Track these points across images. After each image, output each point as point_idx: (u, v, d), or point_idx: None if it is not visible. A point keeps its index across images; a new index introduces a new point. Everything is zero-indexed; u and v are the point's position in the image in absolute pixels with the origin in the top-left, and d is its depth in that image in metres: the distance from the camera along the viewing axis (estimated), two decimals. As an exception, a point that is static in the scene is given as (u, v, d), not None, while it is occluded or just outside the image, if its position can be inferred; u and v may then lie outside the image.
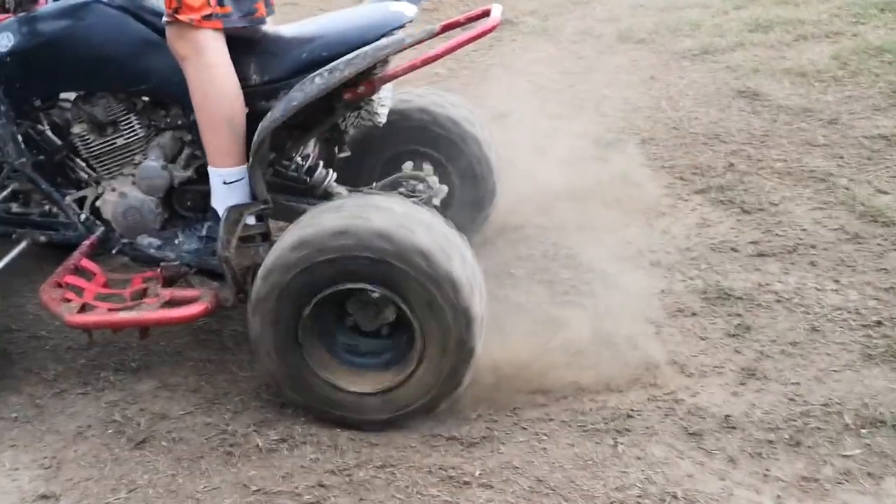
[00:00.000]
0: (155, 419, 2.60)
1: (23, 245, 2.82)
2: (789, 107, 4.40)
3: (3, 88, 2.65)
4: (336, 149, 2.83)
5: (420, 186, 2.90)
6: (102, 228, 2.81)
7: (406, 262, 2.31)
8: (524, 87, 4.75)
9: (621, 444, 2.46)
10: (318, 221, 2.38)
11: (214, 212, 2.58)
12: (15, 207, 2.94)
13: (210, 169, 2.56)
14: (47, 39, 2.60)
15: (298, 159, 2.85)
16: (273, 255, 2.38)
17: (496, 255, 3.35)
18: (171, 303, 2.51)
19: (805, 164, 3.85)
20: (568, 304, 3.05)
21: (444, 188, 2.95)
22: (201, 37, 2.40)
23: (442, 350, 2.40)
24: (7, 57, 2.61)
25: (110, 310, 2.48)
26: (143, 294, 2.60)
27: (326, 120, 2.65)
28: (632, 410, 2.57)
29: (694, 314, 2.99)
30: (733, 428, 2.49)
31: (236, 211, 2.55)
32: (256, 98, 2.57)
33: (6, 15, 2.64)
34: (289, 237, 2.38)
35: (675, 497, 2.26)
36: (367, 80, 2.56)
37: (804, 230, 3.40)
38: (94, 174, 2.84)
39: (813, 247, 3.30)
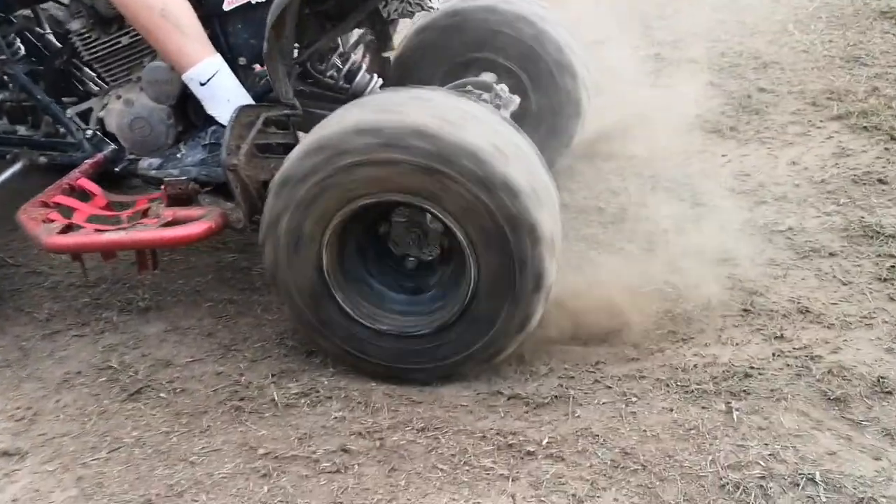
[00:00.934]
0: (157, 367, 2.14)
1: (17, 166, 2.40)
2: (945, 27, 3.68)
3: None
4: (380, 46, 2.31)
5: (486, 96, 2.35)
6: (112, 147, 2.37)
7: (449, 164, 1.78)
8: (625, 12, 4.13)
9: (737, 409, 1.87)
10: (341, 118, 1.88)
11: (213, 119, 2.13)
12: (23, 130, 2.54)
13: (183, 78, 2.13)
14: None
15: (337, 61, 2.35)
16: (286, 164, 1.88)
17: (583, 188, 2.78)
18: (173, 224, 2.03)
19: (968, 87, 3.15)
20: (668, 245, 2.47)
21: (516, 98, 2.40)
22: None
23: (501, 276, 1.86)
24: None
25: (97, 231, 2.03)
26: (143, 216, 2.14)
27: (365, 3, 2.14)
28: (751, 368, 1.98)
29: (832, 254, 2.37)
30: (888, 393, 1.88)
31: (249, 112, 2.07)
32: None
33: None
34: (305, 140, 1.89)
35: (812, 480, 1.67)
36: (413, -54, 2.04)
37: (970, 159, 2.73)
38: (99, 83, 2.42)
39: (983, 177, 2.63)
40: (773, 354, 2.02)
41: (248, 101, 2.13)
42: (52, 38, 2.50)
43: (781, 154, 2.90)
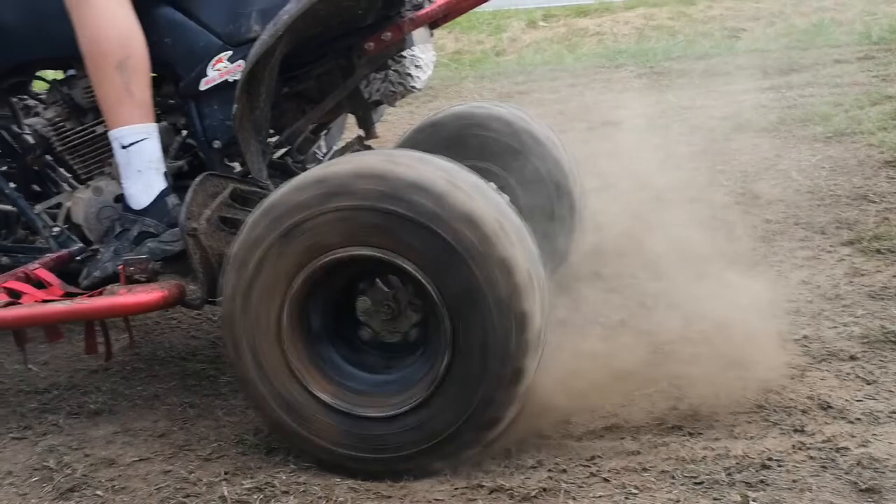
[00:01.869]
0: (98, 466, 1.91)
1: None
2: (952, 175, 3.60)
3: None
4: (363, 132, 2.22)
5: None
6: (79, 245, 2.24)
7: (448, 228, 1.64)
8: (623, 169, 4.11)
9: (754, 500, 1.61)
10: (347, 160, 1.76)
11: (123, 200, 2.05)
12: None
13: (109, 134, 2.03)
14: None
15: (318, 153, 2.27)
16: (276, 192, 1.74)
17: (580, 304, 2.60)
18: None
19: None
20: (672, 354, 2.26)
21: (505, 196, 2.29)
22: None
23: (476, 363, 1.68)
24: None
25: (41, 302, 1.87)
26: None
27: (345, 83, 2.07)
28: (769, 460, 1.74)
29: (853, 358, 2.16)
30: (930, 486, 1.62)
31: (217, 182, 1.96)
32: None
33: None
34: (304, 174, 1.76)
35: (848, 566, 1.40)
36: (394, 23, 2.00)
37: None
38: (73, 184, 2.33)
39: None
40: (794, 447, 1.78)
41: (160, 179, 2.02)
42: (28, 137, 2.44)
43: (792, 275, 2.74)
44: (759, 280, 2.71)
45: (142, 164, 1.99)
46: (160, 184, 2.02)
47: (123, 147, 1.99)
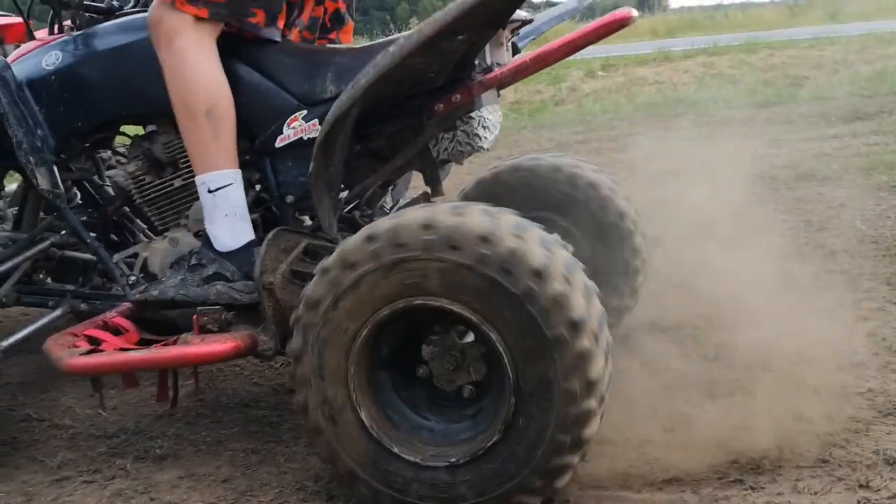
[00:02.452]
0: (163, 511, 1.96)
1: (58, 312, 2.36)
2: None
3: (44, 112, 2.29)
4: (430, 189, 2.26)
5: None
6: (155, 294, 2.32)
7: (512, 278, 1.67)
8: (684, 218, 4.10)
9: (818, 557, 1.59)
10: (405, 213, 1.81)
11: (206, 238, 2.09)
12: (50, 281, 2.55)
13: (196, 179, 2.09)
14: (98, 56, 2.26)
15: (385, 207, 2.32)
16: (341, 246, 1.78)
17: (642, 355, 2.60)
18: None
19: None
20: (734, 406, 2.24)
21: (569, 247, 2.31)
22: (177, 20, 2.03)
23: (543, 408, 1.69)
24: (52, 76, 2.28)
25: (120, 350, 1.94)
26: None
27: (415, 142, 2.12)
28: (834, 516, 1.71)
29: (920, 412, 2.12)
30: None
31: (289, 238, 2.01)
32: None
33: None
34: (366, 227, 1.80)
35: None
36: (464, 86, 2.05)
37: None
38: (149, 235, 2.42)
39: None
40: (858, 503, 1.75)
41: (246, 224, 2.09)
42: (109, 189, 2.54)
43: (857, 327, 2.70)
44: (822, 332, 2.68)
45: (228, 209, 2.06)
46: (249, 234, 2.09)
47: (210, 191, 2.06)
